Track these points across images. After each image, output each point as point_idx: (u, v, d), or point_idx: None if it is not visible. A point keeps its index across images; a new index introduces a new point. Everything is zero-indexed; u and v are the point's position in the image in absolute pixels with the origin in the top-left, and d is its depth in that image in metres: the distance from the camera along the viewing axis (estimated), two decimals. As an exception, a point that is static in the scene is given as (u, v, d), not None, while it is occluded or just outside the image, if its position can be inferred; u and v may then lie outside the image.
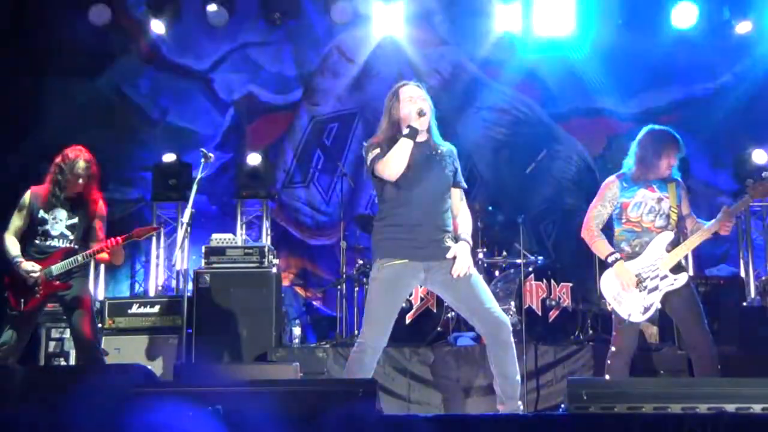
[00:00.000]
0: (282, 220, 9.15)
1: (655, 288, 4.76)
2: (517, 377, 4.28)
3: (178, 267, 8.07)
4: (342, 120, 9.24)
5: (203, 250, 6.96)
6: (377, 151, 4.29)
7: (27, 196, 5.46)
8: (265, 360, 6.38)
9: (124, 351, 6.62)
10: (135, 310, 6.84)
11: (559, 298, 6.72)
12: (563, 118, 9.14)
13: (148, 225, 8.27)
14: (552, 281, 6.77)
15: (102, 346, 6.29)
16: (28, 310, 5.29)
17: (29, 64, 8.28)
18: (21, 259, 5.30)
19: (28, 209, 5.41)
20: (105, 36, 8.58)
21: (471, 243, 4.35)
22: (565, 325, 6.74)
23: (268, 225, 8.77)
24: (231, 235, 7.22)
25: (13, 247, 5.36)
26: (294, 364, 5.25)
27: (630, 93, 8.97)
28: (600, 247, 4.94)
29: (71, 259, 5.32)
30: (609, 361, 4.92)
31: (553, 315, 6.69)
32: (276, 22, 8.67)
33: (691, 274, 6.13)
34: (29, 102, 8.36)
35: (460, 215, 4.45)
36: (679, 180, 4.98)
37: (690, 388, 3.60)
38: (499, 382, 4.26)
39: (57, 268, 5.29)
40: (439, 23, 9.10)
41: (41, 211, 5.39)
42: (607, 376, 4.89)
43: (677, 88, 8.90)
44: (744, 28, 8.39)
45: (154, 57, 8.99)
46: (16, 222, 5.43)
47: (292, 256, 9.02)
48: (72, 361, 6.50)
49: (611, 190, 4.97)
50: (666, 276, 4.76)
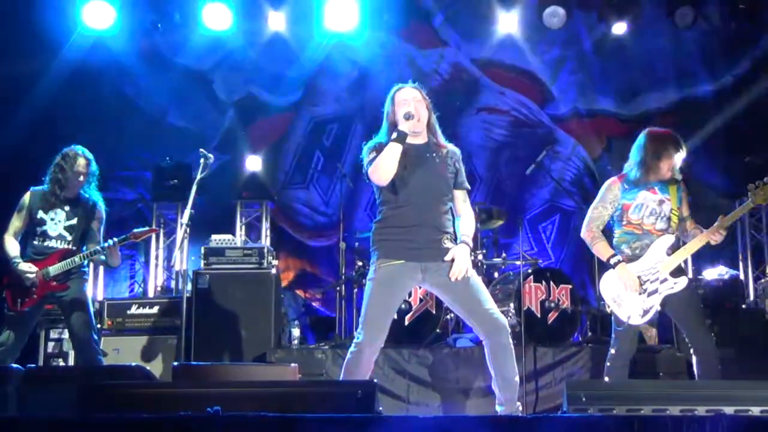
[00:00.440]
0: (281, 221, 9.15)
1: (655, 291, 4.75)
2: (516, 379, 4.28)
3: (178, 268, 8.08)
4: (341, 121, 9.24)
5: (202, 250, 6.96)
6: (372, 155, 4.29)
7: (26, 196, 5.47)
8: (264, 361, 6.37)
9: (123, 352, 6.61)
10: (134, 310, 6.83)
11: (559, 300, 6.71)
12: (563, 119, 9.14)
13: (147, 225, 8.29)
14: (551, 283, 6.76)
15: (101, 346, 6.29)
16: (26, 311, 5.30)
17: (28, 64, 8.27)
18: (19, 259, 5.31)
19: (27, 210, 5.42)
20: (104, 36, 8.58)
21: (471, 245, 4.34)
22: (564, 327, 6.73)
23: (267, 226, 8.77)
24: (230, 236, 7.22)
25: (12, 248, 5.37)
26: (293, 365, 5.25)
27: (629, 94, 8.98)
28: (601, 249, 4.92)
29: (69, 260, 5.33)
30: (608, 363, 4.92)
31: (552, 317, 6.69)
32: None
33: (690, 276, 6.11)
34: (28, 102, 8.35)
35: (462, 216, 4.42)
36: (680, 182, 4.97)
37: (689, 391, 3.61)
38: (498, 384, 4.25)
39: (55, 269, 5.30)
40: (440, 24, 9.11)
41: (40, 211, 5.39)
42: (606, 378, 4.89)
43: (676, 89, 8.91)
44: (743, 29, 8.40)
45: (153, 57, 8.99)
46: (16, 223, 5.44)
47: (291, 257, 9.02)
48: (71, 361, 6.50)
49: (612, 191, 4.96)
50: (666, 279, 4.75)
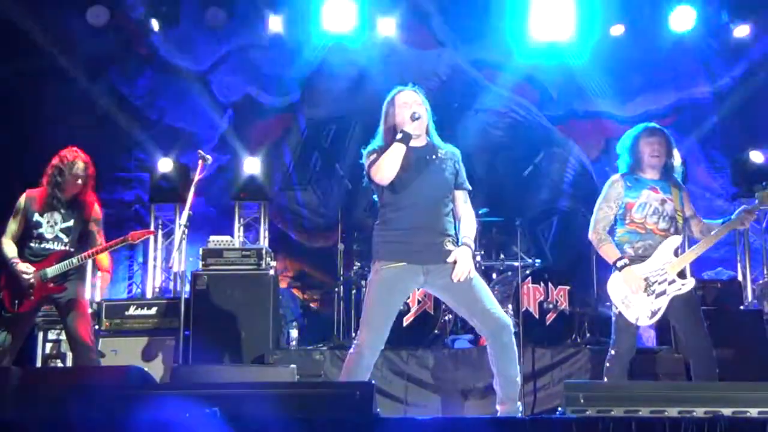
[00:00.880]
0: (280, 223, 9.14)
1: (663, 293, 4.74)
2: (518, 378, 4.28)
3: (176, 269, 8.06)
4: (340, 122, 9.23)
5: (201, 252, 6.95)
6: (373, 156, 4.29)
7: (22, 199, 5.46)
8: (262, 362, 6.37)
9: (121, 353, 6.60)
10: (132, 311, 6.82)
11: (557, 301, 6.72)
12: (561, 120, 9.14)
13: (146, 227, 8.29)
14: (549, 284, 6.77)
15: (99, 347, 6.29)
16: (23, 312, 5.29)
17: (27, 64, 8.27)
18: (17, 260, 5.30)
19: (23, 212, 5.41)
20: (103, 37, 8.58)
21: (473, 246, 4.33)
22: (563, 328, 6.73)
23: (265, 227, 8.76)
24: (228, 237, 7.21)
25: (9, 249, 5.36)
26: (291, 366, 5.26)
27: (628, 96, 8.98)
28: (608, 251, 4.90)
29: (66, 261, 5.32)
30: (608, 364, 4.92)
31: (550, 318, 6.69)
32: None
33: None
34: (27, 103, 8.35)
35: (464, 218, 4.41)
36: (680, 182, 5.00)
37: (687, 392, 3.61)
38: (500, 383, 4.25)
39: (52, 271, 5.29)
40: (438, 25, 9.11)
41: (36, 214, 5.38)
42: (605, 379, 4.89)
43: (675, 91, 8.91)
44: (742, 31, 8.41)
45: (152, 58, 8.99)
46: (12, 226, 5.43)
47: (289, 258, 9.01)
48: (69, 363, 6.49)
49: (616, 189, 4.96)
50: (674, 280, 4.75)
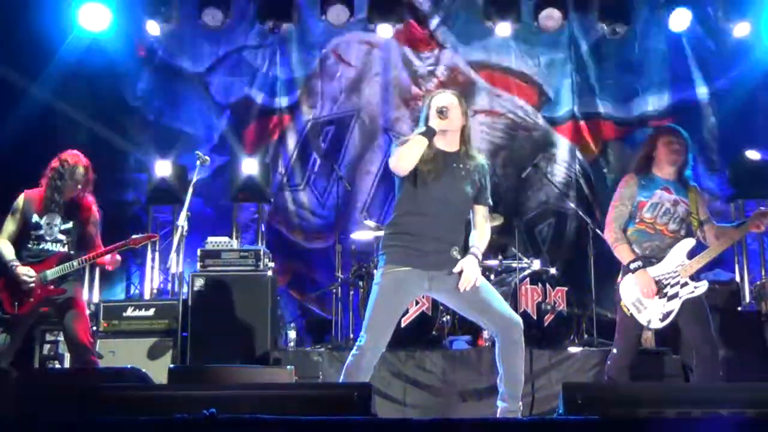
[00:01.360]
0: (278, 223, 9.13)
1: (675, 295, 4.73)
2: (522, 377, 4.29)
3: (174, 270, 8.05)
4: (338, 123, 9.22)
5: (198, 253, 6.95)
6: (396, 146, 4.27)
7: (20, 200, 5.44)
8: (260, 363, 6.37)
9: (119, 354, 6.58)
10: (130, 313, 6.81)
11: (555, 303, 6.72)
12: (559, 122, 9.14)
13: (143, 227, 8.28)
14: (547, 285, 6.77)
15: (97, 349, 6.28)
16: (22, 314, 5.29)
17: (24, 65, 8.25)
18: (17, 262, 5.29)
19: (22, 213, 5.40)
20: (101, 38, 8.57)
21: (480, 258, 4.30)
22: (561, 329, 6.74)
23: (263, 228, 8.76)
24: (226, 238, 7.21)
25: (7, 251, 5.34)
26: (289, 367, 5.25)
27: (626, 97, 8.98)
28: (622, 252, 4.88)
29: (66, 264, 5.31)
30: (609, 362, 4.93)
31: (548, 319, 6.70)
32: (270, 29, 8.68)
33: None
34: (25, 103, 8.33)
35: (478, 230, 4.41)
36: (696, 185, 4.97)
37: (685, 393, 3.61)
38: (504, 381, 4.26)
39: (52, 273, 5.28)
40: (436, 26, 9.12)
41: (35, 215, 5.37)
42: (606, 377, 4.89)
43: (673, 92, 8.92)
44: (739, 32, 8.42)
45: (149, 59, 8.99)
46: (10, 226, 5.42)
47: (287, 259, 9.00)
48: (67, 364, 6.48)
49: (630, 187, 4.95)
50: (686, 283, 4.73)
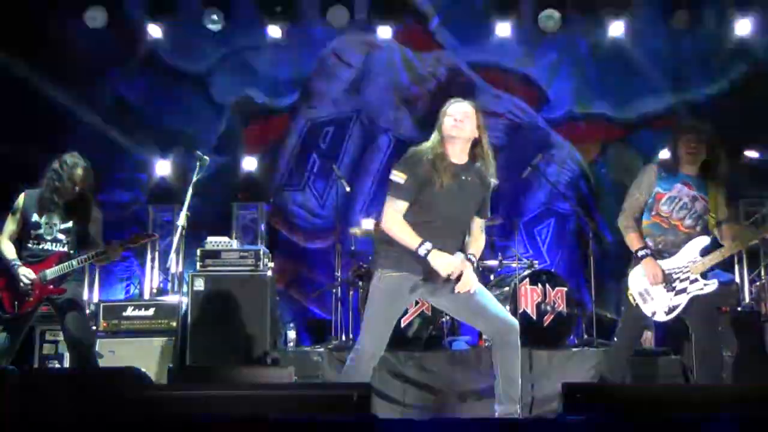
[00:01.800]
0: (277, 224, 9.14)
1: (683, 290, 4.73)
2: (519, 380, 4.29)
3: (173, 270, 8.06)
4: (338, 124, 9.23)
5: (198, 253, 6.95)
6: (402, 177, 4.20)
7: (20, 199, 5.45)
8: (259, 363, 6.37)
9: (118, 354, 6.58)
10: (130, 312, 6.81)
11: (554, 303, 6.73)
12: (559, 122, 9.15)
13: (143, 228, 8.29)
14: (547, 286, 6.78)
15: (96, 348, 6.28)
16: (22, 314, 5.29)
17: (24, 66, 8.26)
18: (18, 262, 5.29)
19: (22, 212, 5.40)
20: (101, 38, 8.58)
21: (475, 264, 4.31)
22: (560, 329, 6.74)
23: (263, 228, 8.76)
24: (226, 239, 7.20)
25: (8, 250, 5.35)
26: (289, 367, 5.26)
27: (625, 98, 8.99)
28: (632, 240, 4.88)
29: (66, 263, 5.31)
30: (606, 355, 4.94)
31: (547, 319, 6.70)
32: (270, 29, 8.67)
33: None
34: (24, 104, 8.34)
35: (474, 238, 4.42)
36: (721, 183, 4.91)
37: (685, 394, 3.61)
38: (501, 384, 4.26)
39: (52, 272, 5.28)
40: (436, 27, 9.12)
41: (35, 214, 5.37)
42: (604, 366, 4.91)
43: (673, 93, 8.92)
44: (740, 32, 8.43)
45: (150, 60, 8.99)
46: (10, 226, 5.43)
47: (287, 259, 9.01)
48: (66, 363, 6.48)
49: (649, 176, 4.93)
50: (696, 280, 4.73)
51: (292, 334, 7.47)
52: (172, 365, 6.28)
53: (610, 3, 8.51)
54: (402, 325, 6.52)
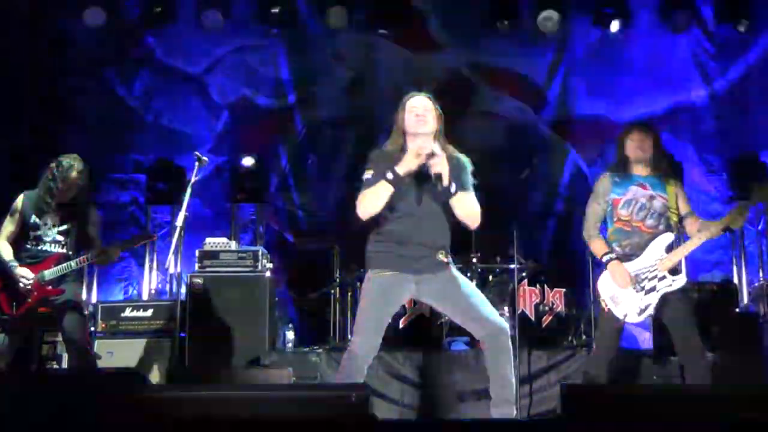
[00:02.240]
0: (276, 224, 9.13)
1: (653, 289, 4.75)
2: (513, 381, 4.29)
3: (172, 271, 8.05)
4: (337, 124, 9.22)
5: (197, 253, 6.95)
6: (369, 173, 4.26)
7: (19, 200, 5.44)
8: (258, 364, 6.37)
9: (116, 355, 6.58)
10: (128, 313, 6.80)
11: (553, 304, 6.73)
12: (557, 123, 9.15)
13: (141, 228, 8.28)
14: (545, 286, 6.78)
15: (95, 349, 6.28)
16: (20, 315, 5.28)
17: (23, 66, 8.26)
18: (15, 263, 5.29)
19: (20, 214, 5.40)
20: (99, 37, 8.57)
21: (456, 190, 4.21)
22: (559, 330, 6.75)
23: (262, 229, 8.75)
24: (225, 239, 7.21)
25: (6, 252, 5.34)
26: (287, 368, 5.26)
27: (625, 99, 8.99)
28: (596, 247, 4.96)
29: (64, 264, 5.31)
30: (587, 361, 4.96)
31: (546, 320, 6.71)
32: (269, 29, 8.68)
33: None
34: (23, 104, 8.34)
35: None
36: (676, 179, 5.00)
37: (683, 394, 3.61)
38: (495, 386, 4.25)
39: (50, 273, 5.27)
40: (435, 28, 9.12)
41: (34, 216, 5.36)
42: (583, 371, 4.93)
43: (671, 94, 8.93)
44: (737, 33, 8.43)
45: (148, 59, 8.99)
46: (9, 227, 5.42)
47: (286, 259, 9.00)
48: (65, 364, 6.48)
49: (603, 184, 5.00)
50: (664, 277, 4.76)
51: (290, 335, 7.46)
52: (170, 366, 6.28)
53: (609, 4, 8.53)
54: (401, 326, 6.52)
